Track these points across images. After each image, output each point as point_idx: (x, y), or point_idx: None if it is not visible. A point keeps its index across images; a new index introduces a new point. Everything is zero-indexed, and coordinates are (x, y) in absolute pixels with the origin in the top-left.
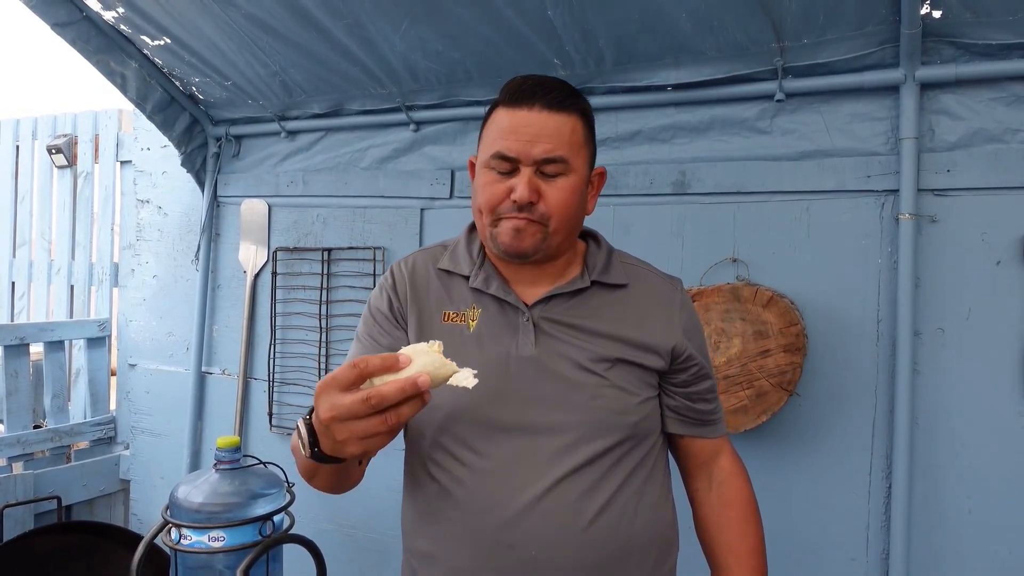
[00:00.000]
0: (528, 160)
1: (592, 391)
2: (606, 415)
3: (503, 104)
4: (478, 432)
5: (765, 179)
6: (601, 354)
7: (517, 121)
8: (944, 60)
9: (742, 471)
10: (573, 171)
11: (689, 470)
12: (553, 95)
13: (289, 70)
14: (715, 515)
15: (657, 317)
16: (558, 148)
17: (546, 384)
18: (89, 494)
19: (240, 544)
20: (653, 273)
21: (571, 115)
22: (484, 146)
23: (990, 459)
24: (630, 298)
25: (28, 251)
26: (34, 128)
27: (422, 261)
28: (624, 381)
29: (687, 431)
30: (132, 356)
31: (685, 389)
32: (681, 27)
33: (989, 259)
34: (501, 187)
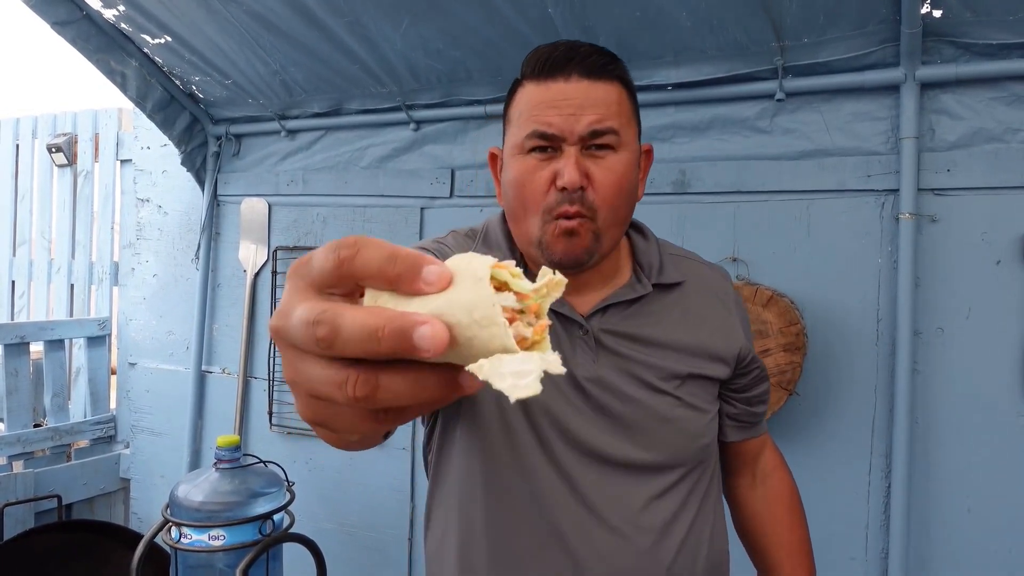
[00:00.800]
0: (573, 137)
1: (665, 414)
2: (681, 441)
3: (530, 78)
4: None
5: (765, 178)
6: (671, 370)
7: (553, 94)
8: (944, 60)
9: (784, 462)
10: (624, 145)
11: (732, 469)
12: (592, 59)
13: (289, 68)
14: (762, 511)
15: (718, 319)
16: (606, 118)
17: (612, 408)
18: (89, 493)
19: (240, 543)
20: (701, 264)
21: (614, 83)
22: (514, 129)
23: (990, 458)
24: (688, 298)
25: (28, 250)
26: (34, 127)
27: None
28: (695, 398)
29: (742, 436)
30: (132, 355)
31: (745, 394)
32: (681, 25)
33: (989, 258)
34: (543, 175)
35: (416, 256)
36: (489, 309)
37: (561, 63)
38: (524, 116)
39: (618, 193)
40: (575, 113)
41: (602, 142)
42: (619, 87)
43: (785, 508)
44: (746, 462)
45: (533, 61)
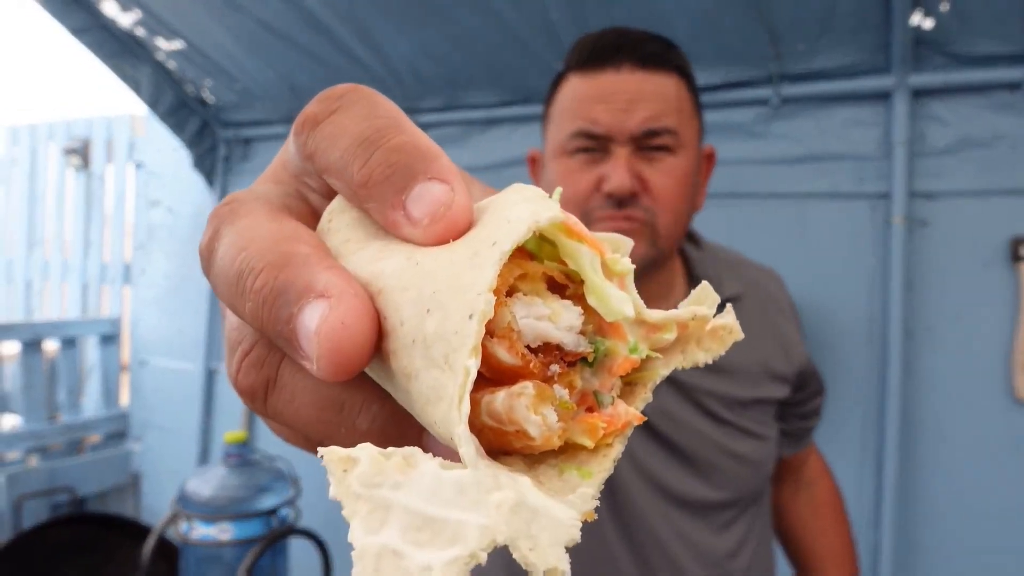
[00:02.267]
0: (623, 136)
1: (730, 447)
2: (747, 473)
3: (577, 69)
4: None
5: (760, 182)
6: (734, 396)
7: (601, 87)
8: (934, 68)
9: (828, 468)
10: (683, 146)
11: (776, 477)
12: (646, 47)
13: (296, 73)
14: (807, 519)
15: (777, 330)
16: (663, 114)
17: (678, 443)
18: (101, 486)
19: (247, 537)
20: (755, 269)
21: (671, 74)
22: (556, 126)
23: (978, 458)
24: (746, 312)
25: (43, 250)
26: (50, 132)
27: None
28: (759, 426)
29: (793, 450)
30: (143, 353)
31: (801, 409)
32: (680, 33)
33: (978, 261)
34: (587, 177)
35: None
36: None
37: (610, 51)
38: (568, 113)
39: (678, 199)
40: (626, 108)
41: (658, 143)
42: (677, 79)
43: (831, 514)
44: (791, 471)
45: (579, 50)
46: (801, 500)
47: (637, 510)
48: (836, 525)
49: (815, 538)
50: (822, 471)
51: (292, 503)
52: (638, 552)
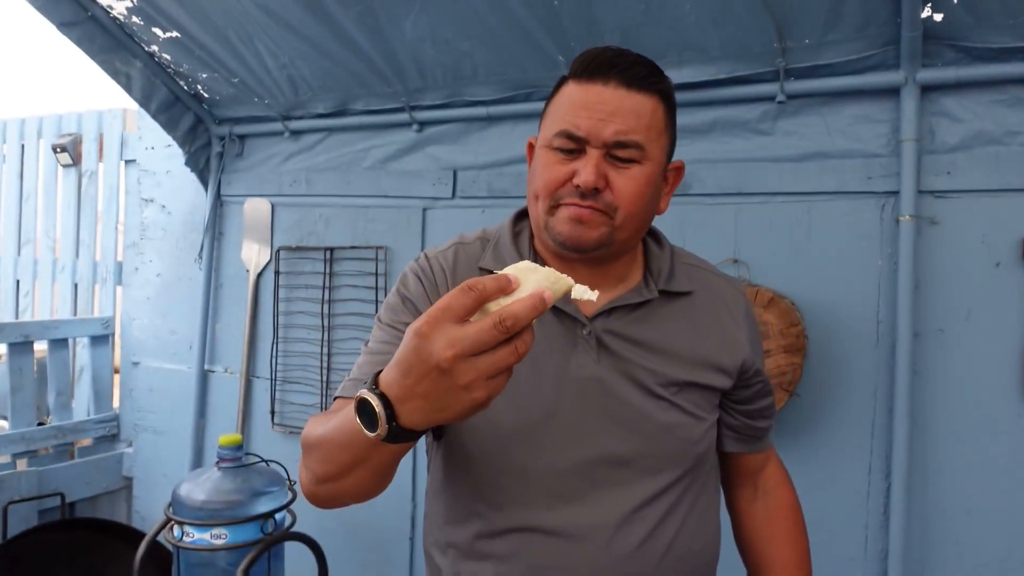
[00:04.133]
0: (597, 141)
1: (660, 419)
2: (675, 445)
3: (574, 77)
4: (531, 460)
5: (766, 180)
6: (669, 376)
7: (589, 97)
8: (945, 63)
9: (788, 479)
10: (648, 159)
11: (734, 480)
12: (634, 71)
13: (297, 62)
14: (762, 526)
15: (724, 330)
16: (634, 131)
17: (609, 408)
18: (92, 491)
19: (242, 541)
20: (715, 275)
21: (652, 96)
22: (548, 123)
23: (989, 460)
24: (695, 308)
25: (33, 249)
26: (39, 127)
27: (464, 257)
28: (693, 406)
29: (742, 448)
30: (135, 354)
31: (747, 407)
32: (686, 21)
33: (989, 261)
34: (563, 169)
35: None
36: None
37: (603, 67)
38: (559, 113)
39: (636, 200)
40: (604, 119)
41: (625, 155)
42: (656, 101)
43: (786, 524)
44: (747, 475)
45: (579, 62)
46: (758, 507)
47: (575, 471)
48: (790, 534)
49: (767, 545)
50: (780, 481)
51: (287, 507)
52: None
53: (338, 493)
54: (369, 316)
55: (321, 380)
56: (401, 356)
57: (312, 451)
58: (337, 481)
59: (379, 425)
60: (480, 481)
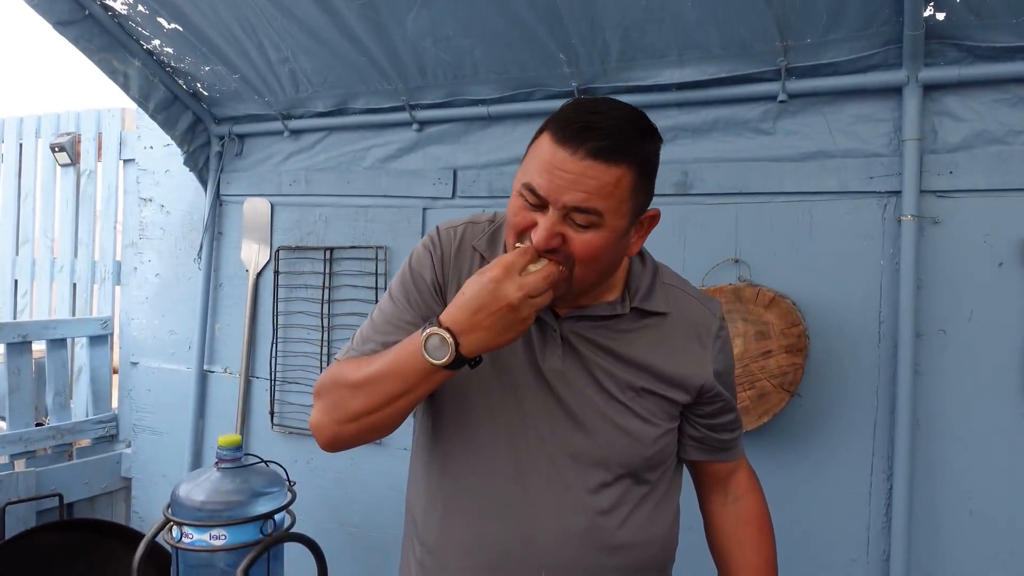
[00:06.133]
0: (557, 203)
1: (614, 419)
2: (626, 445)
3: (551, 132)
4: (496, 435)
5: (767, 180)
6: (628, 381)
7: (556, 160)
8: (947, 62)
9: (757, 487)
10: (607, 225)
11: (705, 487)
12: (605, 144)
13: (299, 56)
14: (731, 530)
15: (689, 351)
16: (592, 200)
17: (567, 401)
18: (91, 492)
19: (241, 542)
20: (694, 299)
21: (620, 166)
22: (524, 166)
23: (991, 461)
24: (666, 328)
25: (31, 249)
26: (38, 126)
27: (470, 235)
28: (648, 412)
29: (706, 457)
30: (134, 354)
31: (708, 420)
32: (687, 19)
33: (991, 261)
34: (529, 217)
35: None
36: None
37: (577, 135)
38: (532, 164)
39: (592, 261)
40: (565, 186)
41: (583, 220)
42: (625, 170)
43: (753, 530)
44: (716, 482)
45: (559, 120)
46: (728, 512)
47: (529, 451)
48: (757, 539)
49: (735, 547)
50: (750, 488)
51: (287, 508)
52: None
53: (365, 428)
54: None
55: None
56: (472, 297)
57: (350, 390)
58: (373, 414)
59: (448, 353)
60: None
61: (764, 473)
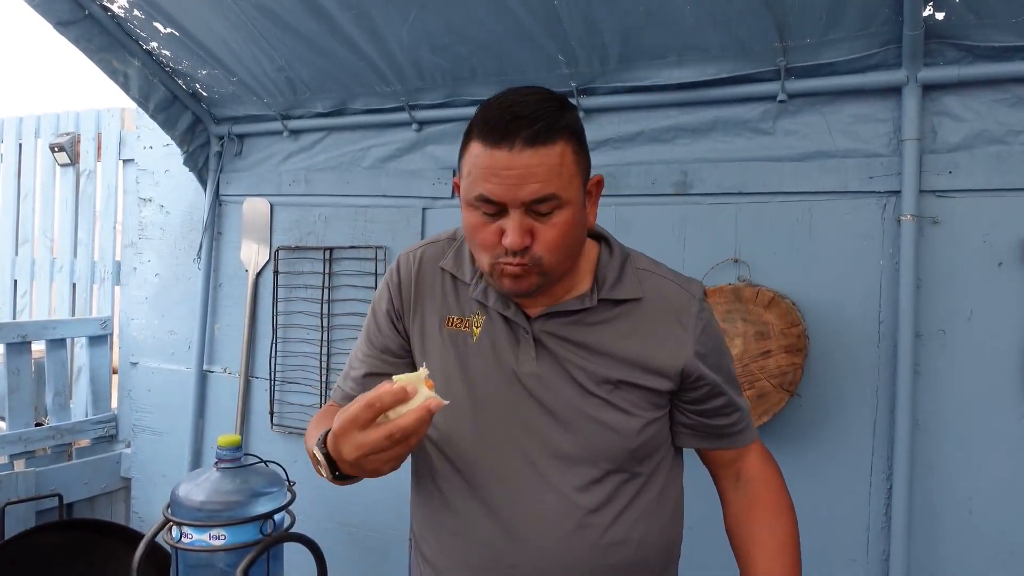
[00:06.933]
0: (516, 203)
1: (593, 414)
2: (608, 440)
3: (479, 138)
4: (479, 447)
5: (767, 180)
6: (603, 375)
7: (497, 162)
8: (947, 62)
9: (771, 471)
10: (567, 203)
11: (714, 474)
12: (535, 128)
13: (295, 64)
14: (742, 513)
15: (668, 334)
16: (547, 186)
17: (547, 402)
18: (90, 492)
19: (241, 542)
20: (670, 281)
21: (557, 143)
22: (466, 181)
23: (991, 461)
24: (640, 312)
25: (30, 249)
26: (37, 126)
27: (431, 256)
28: (628, 403)
29: (704, 445)
30: (134, 354)
31: (697, 407)
32: (686, 21)
33: (991, 261)
34: (491, 229)
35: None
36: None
37: (505, 131)
38: (472, 176)
39: (562, 243)
40: (518, 183)
41: (545, 208)
42: (563, 144)
43: (764, 510)
44: (724, 467)
45: (481, 123)
46: (738, 496)
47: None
48: (770, 519)
49: (746, 529)
50: (763, 471)
51: (287, 508)
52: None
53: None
54: None
55: (320, 380)
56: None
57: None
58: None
59: (327, 475)
60: (436, 460)
61: None
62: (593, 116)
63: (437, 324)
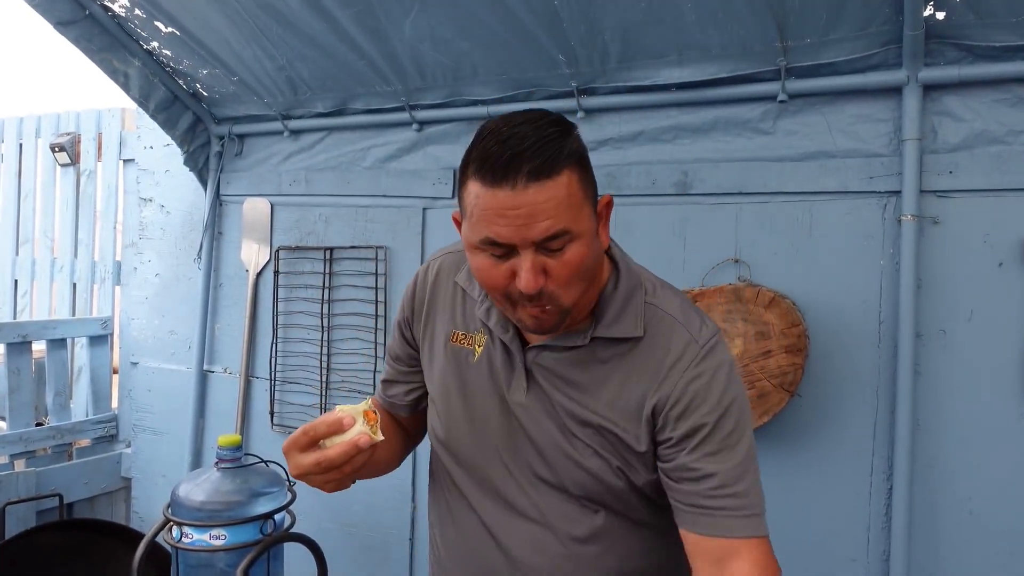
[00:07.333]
0: (526, 243)
1: (573, 455)
2: (588, 481)
3: (477, 177)
4: (476, 465)
5: (767, 180)
6: (586, 418)
7: (501, 203)
8: (947, 62)
9: None
10: (580, 235)
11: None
12: (537, 161)
13: (296, 64)
14: None
15: (643, 381)
16: (557, 222)
17: (532, 434)
18: (91, 492)
19: (241, 542)
20: (676, 320)
21: (562, 174)
22: (468, 223)
23: (991, 461)
24: (638, 352)
25: (31, 249)
26: (37, 126)
27: (448, 266)
28: (609, 452)
29: (685, 523)
30: (134, 354)
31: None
32: (686, 20)
33: (991, 261)
34: (502, 270)
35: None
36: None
37: (505, 169)
38: (475, 218)
39: (578, 277)
40: (526, 223)
41: (557, 244)
42: (568, 173)
43: None
44: (703, 566)
45: (478, 160)
46: None
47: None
48: None
49: None
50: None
51: (287, 508)
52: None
53: None
54: (369, 316)
55: (321, 380)
56: None
57: None
58: None
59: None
60: (442, 469)
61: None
62: (593, 116)
63: (444, 338)
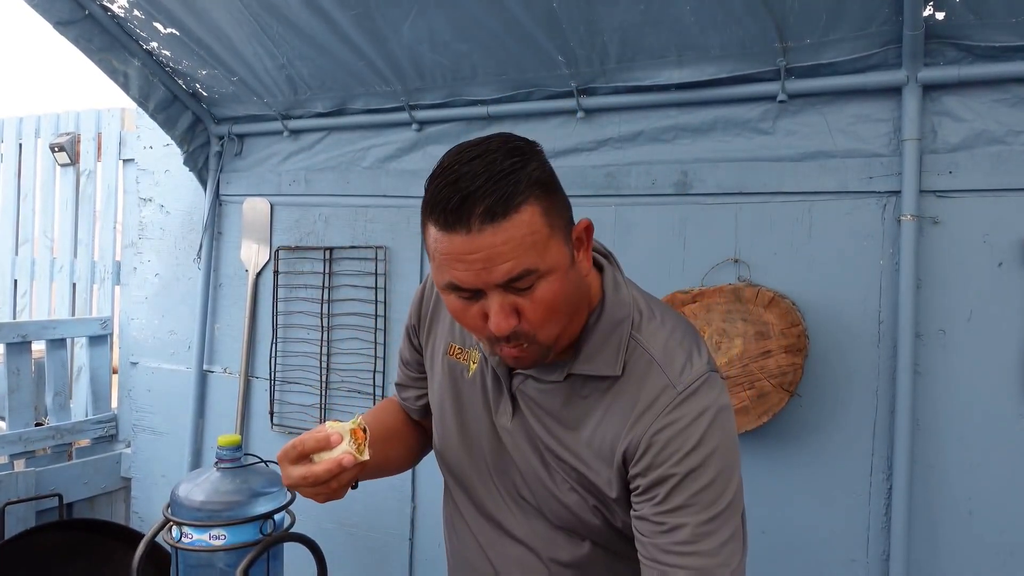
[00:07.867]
0: (490, 286)
1: (550, 487)
2: (565, 515)
3: (434, 223)
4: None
5: (767, 180)
6: (562, 455)
7: (457, 248)
8: (947, 62)
9: None
10: (548, 271)
11: None
12: (487, 202)
13: (296, 63)
14: None
15: (616, 424)
16: (520, 262)
17: (515, 459)
18: (90, 492)
19: (241, 542)
20: (655, 361)
21: (520, 210)
22: (432, 265)
23: (991, 461)
24: (614, 393)
25: (30, 249)
26: (37, 126)
27: None
28: (585, 491)
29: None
30: (134, 354)
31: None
32: (686, 22)
33: (991, 261)
34: (473, 312)
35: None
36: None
37: (457, 214)
38: (437, 262)
39: (554, 313)
40: (485, 267)
41: (524, 284)
42: (528, 208)
43: None
44: None
45: (432, 205)
46: None
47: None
48: None
49: None
50: None
51: (287, 508)
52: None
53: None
54: (368, 316)
55: (320, 380)
56: None
57: None
58: None
59: None
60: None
61: (764, 473)
62: (593, 116)
63: (442, 349)
